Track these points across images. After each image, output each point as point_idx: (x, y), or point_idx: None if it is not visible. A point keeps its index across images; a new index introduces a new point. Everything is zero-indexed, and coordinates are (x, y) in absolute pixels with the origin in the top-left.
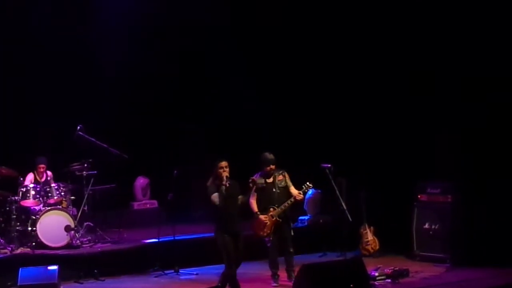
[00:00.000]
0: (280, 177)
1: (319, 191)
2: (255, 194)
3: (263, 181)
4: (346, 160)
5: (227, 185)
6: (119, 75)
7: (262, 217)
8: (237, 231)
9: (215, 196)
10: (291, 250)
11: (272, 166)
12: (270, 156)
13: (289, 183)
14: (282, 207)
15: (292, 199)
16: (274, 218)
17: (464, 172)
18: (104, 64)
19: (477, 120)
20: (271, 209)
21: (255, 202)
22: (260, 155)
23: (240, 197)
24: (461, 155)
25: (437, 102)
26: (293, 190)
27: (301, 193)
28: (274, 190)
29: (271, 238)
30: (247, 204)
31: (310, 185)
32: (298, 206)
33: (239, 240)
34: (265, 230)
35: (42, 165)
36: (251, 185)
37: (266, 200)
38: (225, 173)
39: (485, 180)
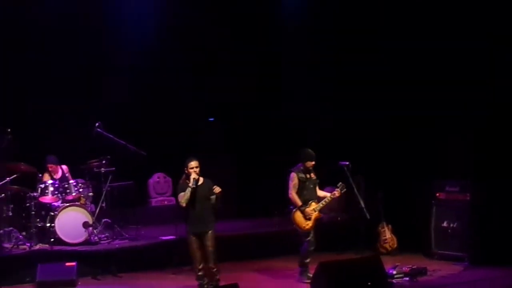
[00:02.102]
0: (313, 174)
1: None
2: (296, 188)
3: (303, 175)
4: (364, 158)
5: (194, 186)
6: (136, 71)
7: (308, 210)
8: (204, 231)
9: (180, 196)
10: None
11: (313, 162)
12: (312, 152)
13: (317, 182)
14: (324, 202)
15: (332, 195)
16: (317, 212)
17: (480, 170)
18: (121, 60)
19: (489, 119)
20: (313, 203)
21: (297, 196)
22: (300, 150)
23: (213, 197)
24: (475, 154)
25: (451, 101)
26: (319, 190)
27: (339, 192)
28: (311, 186)
29: (311, 232)
30: (285, 199)
31: (344, 184)
32: None
33: (207, 240)
34: (308, 223)
35: (50, 165)
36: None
37: (307, 195)
38: (194, 174)
39: (503, 179)
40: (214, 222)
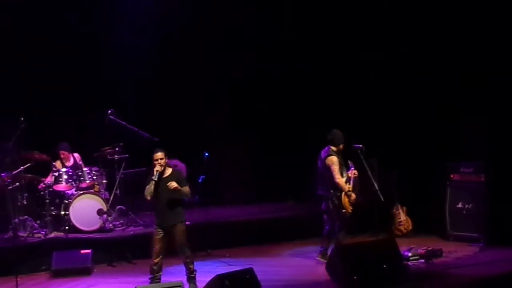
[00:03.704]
0: None
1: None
2: (340, 172)
3: (340, 158)
4: (378, 141)
5: (155, 179)
6: (148, 58)
7: (353, 195)
8: (170, 225)
9: (146, 189)
10: None
11: (344, 144)
12: (342, 134)
13: None
14: (351, 183)
15: (353, 175)
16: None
17: (494, 151)
18: (132, 47)
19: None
20: (348, 185)
21: (343, 180)
22: (331, 133)
23: (183, 188)
24: (489, 135)
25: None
26: None
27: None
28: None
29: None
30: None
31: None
32: None
33: (174, 233)
34: (351, 207)
35: (62, 151)
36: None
37: (344, 178)
38: (158, 166)
39: None
40: (181, 215)
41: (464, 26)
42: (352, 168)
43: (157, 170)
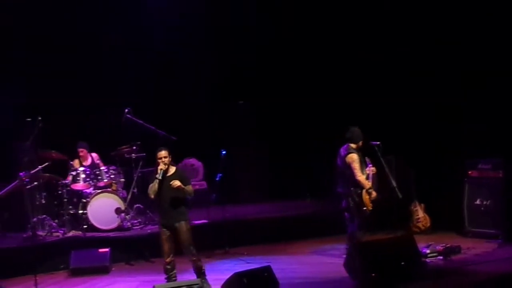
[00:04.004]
0: None
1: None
2: (361, 169)
3: (360, 156)
4: (395, 138)
5: (159, 178)
6: (165, 56)
7: (373, 192)
8: (173, 224)
9: (149, 188)
10: None
11: (363, 141)
12: (361, 131)
13: None
14: (371, 180)
15: (372, 171)
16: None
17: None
18: (149, 45)
19: None
20: (369, 182)
21: (364, 177)
22: (350, 130)
23: (186, 187)
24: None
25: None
26: None
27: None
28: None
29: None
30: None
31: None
32: None
33: (178, 232)
34: (371, 204)
35: (81, 149)
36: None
37: (364, 175)
38: (162, 164)
39: None
40: (185, 214)
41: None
42: (370, 165)
43: (161, 169)
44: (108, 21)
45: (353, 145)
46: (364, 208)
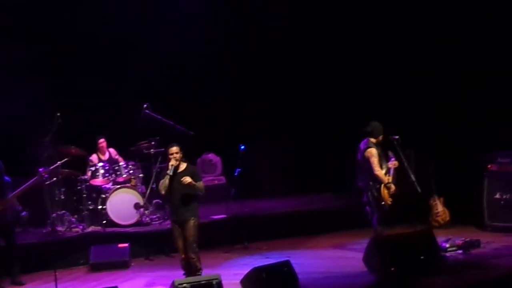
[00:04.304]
0: None
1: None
2: (379, 164)
3: (379, 150)
4: (414, 132)
5: (170, 173)
6: (183, 51)
7: (393, 186)
8: (182, 220)
9: (160, 184)
10: None
11: (383, 136)
12: (381, 125)
13: None
14: (391, 174)
15: (394, 166)
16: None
17: None
18: (167, 40)
19: None
20: (388, 176)
21: (382, 172)
22: (370, 125)
23: (197, 183)
24: None
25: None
26: None
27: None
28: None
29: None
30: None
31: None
32: None
33: (186, 228)
34: (391, 198)
35: (102, 140)
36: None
37: (384, 170)
38: (173, 160)
39: None
40: (195, 210)
41: None
42: (393, 159)
43: (172, 165)
44: (127, 16)
45: (373, 140)
46: (383, 203)
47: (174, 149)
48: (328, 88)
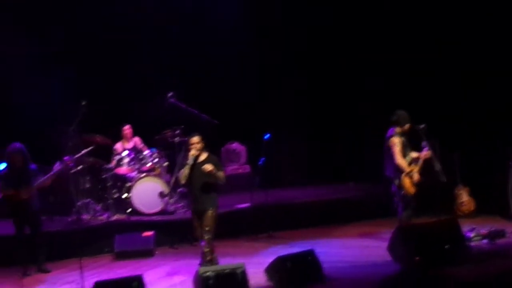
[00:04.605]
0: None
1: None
2: (401, 153)
3: (404, 139)
4: (440, 121)
5: (191, 163)
6: (210, 41)
7: (416, 175)
8: (202, 209)
9: (180, 173)
10: None
11: (409, 125)
12: (407, 114)
13: None
14: (419, 164)
15: (424, 156)
16: (418, 176)
17: None
18: (194, 29)
19: None
20: (413, 166)
21: (404, 161)
22: (396, 114)
23: (218, 172)
24: None
25: None
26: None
27: (428, 150)
28: (409, 149)
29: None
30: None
31: (428, 142)
32: None
33: (205, 217)
34: (414, 187)
35: (126, 126)
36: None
37: (408, 159)
38: (194, 150)
39: None
40: (214, 200)
41: None
42: (426, 149)
43: (192, 154)
44: (155, 8)
45: (398, 129)
46: (403, 192)
47: (195, 139)
48: (351, 77)
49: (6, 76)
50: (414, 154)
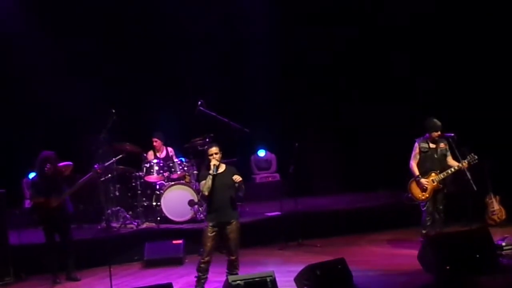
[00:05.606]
0: (443, 144)
1: None
2: (417, 158)
3: (427, 145)
4: (471, 129)
5: (214, 173)
6: (238, 49)
7: (423, 181)
8: (226, 221)
9: (201, 185)
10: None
11: (439, 133)
12: (438, 122)
13: (448, 152)
14: (445, 173)
15: (456, 167)
16: (435, 183)
17: None
18: (223, 38)
19: None
20: (433, 174)
21: (416, 166)
22: (426, 120)
23: (237, 185)
24: None
25: None
26: (451, 160)
27: (467, 163)
28: (435, 156)
29: (427, 203)
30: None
31: (476, 157)
32: None
33: (230, 230)
34: (424, 194)
35: (154, 139)
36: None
37: (428, 165)
38: (214, 160)
39: None
40: (237, 212)
41: None
42: (464, 160)
43: (214, 164)
44: (186, 14)
45: (430, 135)
46: (409, 195)
47: (214, 149)
48: (379, 84)
49: (38, 87)
50: (452, 163)
